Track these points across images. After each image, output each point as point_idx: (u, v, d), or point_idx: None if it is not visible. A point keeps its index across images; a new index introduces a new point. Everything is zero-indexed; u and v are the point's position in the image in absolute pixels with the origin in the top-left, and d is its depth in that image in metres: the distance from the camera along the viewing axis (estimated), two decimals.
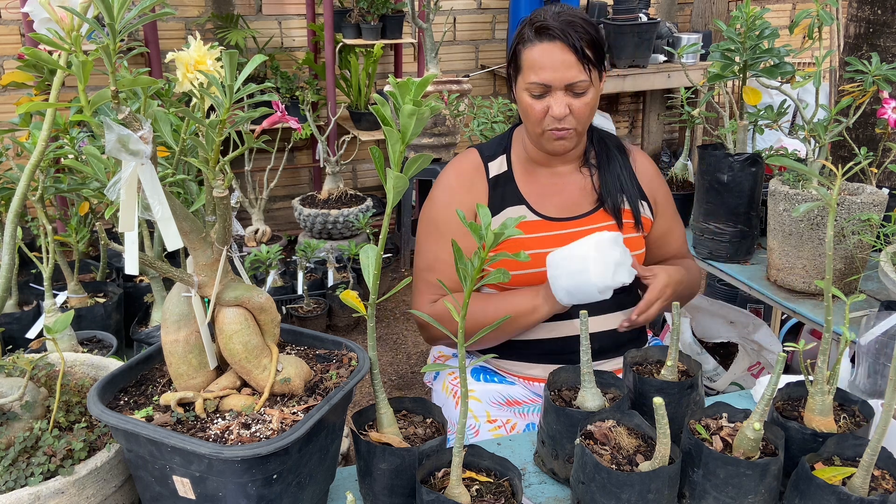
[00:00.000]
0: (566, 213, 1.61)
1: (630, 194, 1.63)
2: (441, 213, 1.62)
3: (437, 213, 1.63)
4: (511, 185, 1.62)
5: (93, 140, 1.45)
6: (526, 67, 1.50)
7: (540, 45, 1.47)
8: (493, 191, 1.62)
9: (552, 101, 1.49)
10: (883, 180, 2.32)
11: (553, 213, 1.60)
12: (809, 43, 1.82)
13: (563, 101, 1.48)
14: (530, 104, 1.51)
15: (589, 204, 1.63)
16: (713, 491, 1.07)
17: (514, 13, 4.56)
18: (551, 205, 1.61)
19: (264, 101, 1.03)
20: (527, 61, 1.49)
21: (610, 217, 1.61)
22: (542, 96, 1.49)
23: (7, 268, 1.13)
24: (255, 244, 3.62)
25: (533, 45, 1.48)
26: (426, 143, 3.71)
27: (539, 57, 1.47)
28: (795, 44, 5.07)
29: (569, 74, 1.47)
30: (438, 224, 1.62)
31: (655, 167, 1.74)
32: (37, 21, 0.99)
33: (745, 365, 2.49)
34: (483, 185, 1.62)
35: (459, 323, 0.98)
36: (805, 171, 1.13)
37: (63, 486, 0.99)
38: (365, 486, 1.13)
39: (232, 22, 3.95)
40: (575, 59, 1.46)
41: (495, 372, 1.69)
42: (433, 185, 1.67)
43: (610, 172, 1.63)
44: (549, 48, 1.47)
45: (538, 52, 1.48)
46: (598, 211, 1.62)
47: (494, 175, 1.63)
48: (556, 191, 1.63)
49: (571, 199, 1.62)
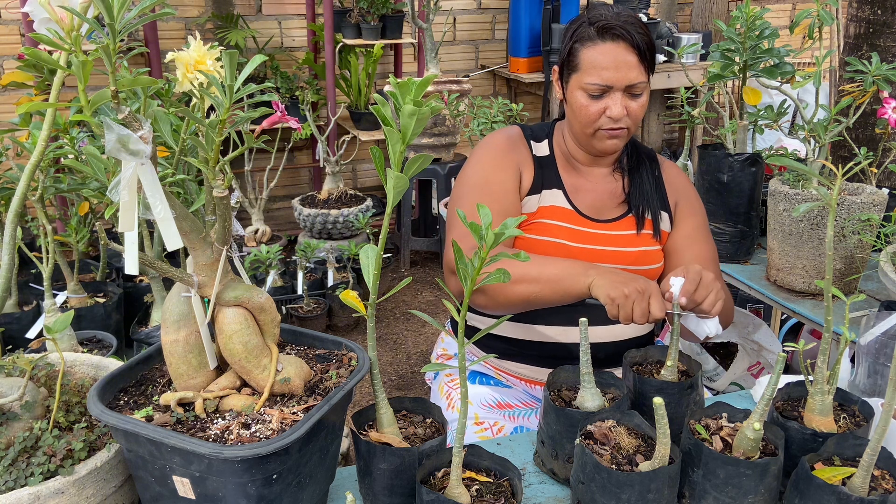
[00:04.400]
0: (595, 213, 1.59)
1: (653, 204, 1.60)
2: (483, 170, 1.55)
3: (478, 172, 1.55)
4: (552, 169, 1.60)
5: (93, 140, 1.45)
6: (585, 67, 1.46)
7: (603, 45, 1.44)
8: (537, 168, 1.59)
9: (610, 102, 1.46)
10: (883, 180, 2.32)
11: (585, 210, 1.59)
12: (809, 43, 1.82)
13: (622, 101, 1.46)
14: (585, 104, 1.48)
15: (616, 210, 1.60)
16: (713, 491, 1.07)
17: (514, 13, 4.56)
18: (585, 201, 1.59)
19: (264, 101, 1.03)
20: (586, 61, 1.46)
21: (633, 226, 1.58)
22: (600, 96, 1.47)
23: (7, 268, 1.13)
24: (255, 244, 3.62)
25: (594, 45, 1.45)
26: (426, 143, 3.72)
27: (601, 57, 1.44)
28: (795, 44, 5.07)
29: (631, 75, 1.44)
30: (481, 181, 1.53)
31: (687, 180, 1.68)
32: (37, 21, 0.99)
33: (745, 365, 2.49)
34: (528, 155, 1.60)
35: (460, 323, 0.98)
36: (805, 171, 1.13)
37: (63, 486, 0.99)
38: (365, 486, 1.13)
39: (232, 22, 3.95)
40: (637, 60, 1.44)
41: (491, 375, 1.68)
42: (472, 154, 1.61)
43: (640, 179, 1.61)
44: (612, 48, 1.44)
45: (600, 52, 1.44)
46: (625, 218, 1.59)
47: (539, 155, 1.61)
48: (590, 189, 1.61)
49: (602, 202, 1.60)
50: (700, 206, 1.66)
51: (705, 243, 1.61)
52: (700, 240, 1.61)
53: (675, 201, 1.63)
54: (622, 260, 1.55)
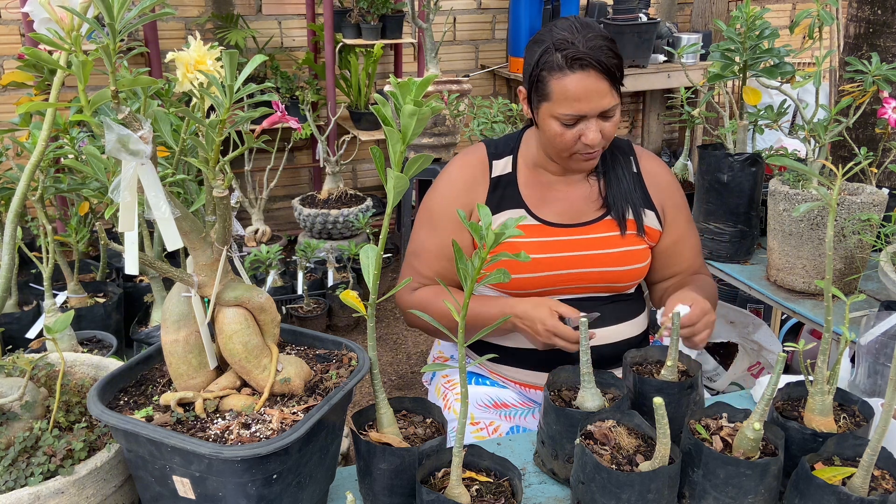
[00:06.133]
0: (568, 219, 1.58)
1: (634, 202, 1.59)
2: (438, 203, 1.61)
3: (434, 204, 1.62)
4: (512, 187, 1.60)
5: (93, 140, 1.45)
6: (557, 98, 1.43)
7: (573, 76, 1.41)
8: (492, 191, 1.60)
9: (586, 129, 1.45)
10: (883, 180, 2.32)
11: (553, 219, 1.57)
12: (809, 43, 1.82)
13: (596, 126, 1.45)
14: (559, 132, 1.46)
15: (594, 212, 1.59)
16: (713, 491, 1.07)
17: (514, 13, 4.56)
18: (553, 210, 1.58)
19: (264, 101, 1.03)
20: (558, 92, 1.43)
21: (615, 227, 1.58)
22: (573, 124, 1.45)
23: (7, 268, 1.13)
24: (255, 244, 3.62)
25: (564, 76, 1.41)
26: (426, 143, 3.71)
27: (574, 88, 1.41)
28: (795, 44, 5.07)
29: (603, 102, 1.43)
30: (433, 214, 1.61)
31: (668, 172, 1.67)
32: (37, 21, 0.99)
33: (745, 365, 2.49)
34: (485, 184, 1.60)
35: (460, 323, 0.98)
36: (805, 171, 1.13)
37: (63, 486, 0.99)
38: (365, 486, 1.13)
39: (232, 22, 3.95)
40: (608, 86, 1.43)
41: (487, 376, 1.68)
42: (438, 174, 1.66)
43: (616, 179, 1.60)
44: (583, 78, 1.40)
45: (572, 83, 1.41)
46: (604, 220, 1.58)
47: (497, 175, 1.61)
48: (561, 197, 1.60)
49: (575, 207, 1.59)
50: (683, 199, 1.67)
51: (693, 237, 1.68)
52: (689, 236, 1.66)
53: (661, 201, 1.62)
54: (604, 262, 1.55)
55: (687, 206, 1.67)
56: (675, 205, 1.64)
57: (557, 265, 1.54)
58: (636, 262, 1.57)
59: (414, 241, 1.65)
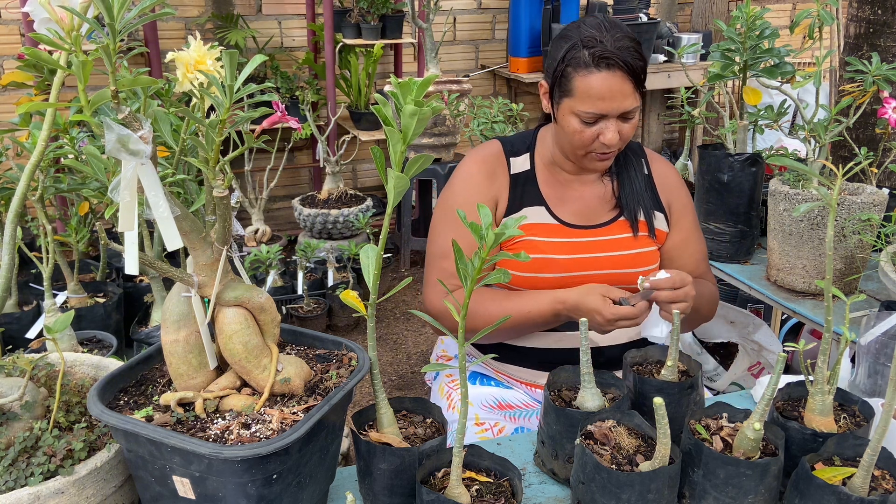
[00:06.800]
0: (584, 220, 1.58)
1: (645, 204, 1.59)
2: (462, 200, 1.57)
3: (457, 201, 1.58)
4: (532, 184, 1.59)
5: (93, 140, 1.45)
6: (580, 94, 1.43)
7: (598, 74, 1.40)
8: (513, 188, 1.58)
9: (605, 129, 1.45)
10: (883, 180, 2.32)
11: (571, 220, 1.57)
12: (809, 43, 1.82)
13: (615, 127, 1.45)
14: (578, 129, 1.46)
15: (607, 213, 1.59)
16: (713, 491, 1.07)
17: (514, 13, 4.56)
18: (569, 210, 1.58)
19: (264, 101, 1.03)
20: (581, 89, 1.42)
21: (628, 228, 1.58)
22: (593, 123, 1.45)
23: (7, 268, 1.13)
24: (255, 244, 3.62)
25: (590, 73, 1.41)
26: (426, 143, 3.71)
27: (598, 86, 1.41)
28: (795, 44, 5.07)
29: (626, 103, 1.43)
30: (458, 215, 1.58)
31: (677, 175, 1.67)
32: (37, 21, 0.99)
33: (745, 365, 2.49)
34: (505, 177, 1.59)
35: (459, 323, 0.98)
36: (805, 171, 1.13)
37: (63, 486, 0.99)
38: (365, 486, 1.13)
39: (232, 22, 3.95)
40: (632, 88, 1.42)
41: (492, 377, 1.68)
42: (452, 173, 1.63)
43: (629, 179, 1.60)
44: (608, 78, 1.40)
45: (597, 82, 1.41)
46: (617, 221, 1.58)
47: (516, 172, 1.60)
48: (577, 196, 1.59)
49: (591, 207, 1.59)
50: (690, 201, 1.67)
51: (699, 242, 1.67)
52: (695, 240, 1.65)
53: (668, 202, 1.63)
54: (617, 264, 1.55)
55: (693, 209, 1.67)
56: (682, 205, 1.64)
57: (573, 267, 1.54)
58: (647, 264, 1.57)
59: (439, 242, 1.59)
